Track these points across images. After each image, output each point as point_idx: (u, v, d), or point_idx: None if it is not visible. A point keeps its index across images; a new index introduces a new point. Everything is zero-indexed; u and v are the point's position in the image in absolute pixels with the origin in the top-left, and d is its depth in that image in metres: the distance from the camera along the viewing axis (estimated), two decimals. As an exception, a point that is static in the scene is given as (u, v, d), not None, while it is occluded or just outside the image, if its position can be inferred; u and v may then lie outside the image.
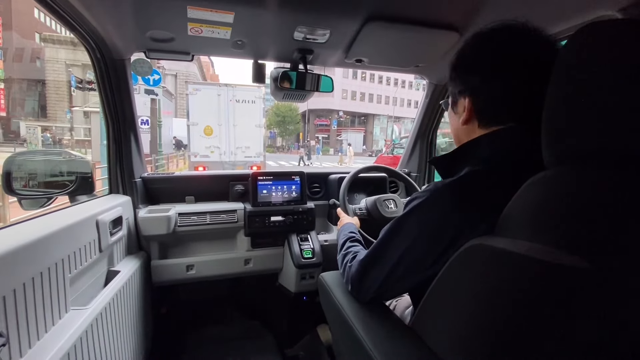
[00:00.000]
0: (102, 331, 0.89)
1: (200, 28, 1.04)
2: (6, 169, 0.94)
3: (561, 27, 0.95)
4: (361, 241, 0.98)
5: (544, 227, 0.43)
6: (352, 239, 0.98)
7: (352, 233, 1.01)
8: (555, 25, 0.95)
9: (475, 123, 0.65)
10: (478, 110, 0.64)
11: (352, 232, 1.02)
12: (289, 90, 1.27)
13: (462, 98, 0.66)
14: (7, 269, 0.59)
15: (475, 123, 0.65)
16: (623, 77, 0.39)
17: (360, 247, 0.92)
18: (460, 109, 0.67)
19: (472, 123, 0.66)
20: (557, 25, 0.95)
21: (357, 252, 0.85)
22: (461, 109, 0.67)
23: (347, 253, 0.88)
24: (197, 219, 1.38)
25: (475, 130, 0.65)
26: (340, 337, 0.82)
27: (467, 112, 0.65)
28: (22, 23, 24.32)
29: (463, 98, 0.66)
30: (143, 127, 8.22)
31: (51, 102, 21.99)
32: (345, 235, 1.00)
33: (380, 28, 1.03)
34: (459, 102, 0.68)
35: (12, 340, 0.60)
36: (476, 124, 0.65)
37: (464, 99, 0.66)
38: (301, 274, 1.44)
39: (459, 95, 0.67)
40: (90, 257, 0.92)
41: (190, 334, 1.66)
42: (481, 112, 0.63)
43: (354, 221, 1.19)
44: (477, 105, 0.64)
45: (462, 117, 0.67)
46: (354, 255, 0.84)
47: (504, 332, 0.46)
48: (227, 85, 8.06)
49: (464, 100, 0.66)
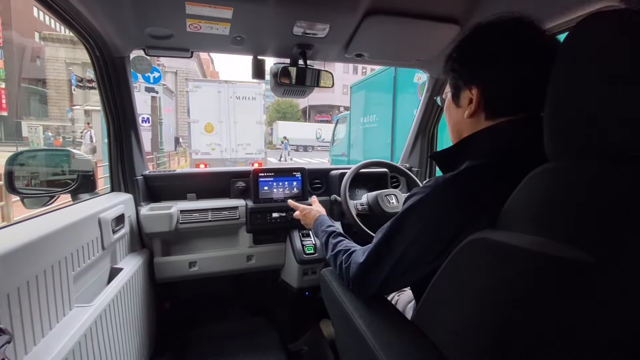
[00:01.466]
0: (105, 328, 0.89)
1: (199, 24, 1.04)
2: (8, 168, 0.95)
3: (563, 19, 0.94)
4: (342, 232, 0.95)
5: (546, 220, 0.43)
6: (334, 234, 0.95)
7: (330, 227, 0.99)
8: (557, 17, 0.94)
9: (482, 115, 0.63)
10: (487, 101, 0.62)
11: (330, 226, 1.00)
12: (289, 86, 1.27)
13: (467, 90, 0.64)
14: (12, 267, 0.60)
15: (482, 115, 0.63)
16: (627, 69, 0.39)
17: (347, 242, 0.89)
18: (465, 101, 0.65)
19: (479, 115, 0.64)
20: (558, 17, 0.93)
21: (348, 249, 0.83)
22: (466, 102, 0.65)
23: (338, 252, 0.85)
24: (198, 216, 1.39)
25: (481, 123, 0.64)
26: (343, 332, 0.83)
27: (475, 104, 0.63)
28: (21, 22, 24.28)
29: (468, 90, 0.64)
30: (144, 125, 8.22)
31: (52, 101, 22.01)
32: (324, 232, 0.97)
33: (379, 22, 1.02)
34: (462, 95, 0.66)
35: (17, 337, 0.61)
36: (482, 116, 0.63)
37: (469, 90, 0.64)
38: (303, 270, 1.44)
39: (464, 87, 0.65)
40: (93, 255, 0.93)
41: (193, 330, 1.67)
42: (490, 103, 0.62)
43: (320, 209, 1.16)
44: (486, 96, 0.61)
45: (467, 110, 0.64)
46: (346, 252, 0.82)
47: (505, 326, 0.46)
48: (227, 82, 8.05)
49: (470, 92, 0.63)
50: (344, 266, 0.79)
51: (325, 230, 0.99)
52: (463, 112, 0.66)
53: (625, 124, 0.39)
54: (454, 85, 0.69)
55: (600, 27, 0.41)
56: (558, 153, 0.45)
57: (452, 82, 0.69)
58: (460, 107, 0.67)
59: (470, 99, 0.63)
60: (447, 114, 0.74)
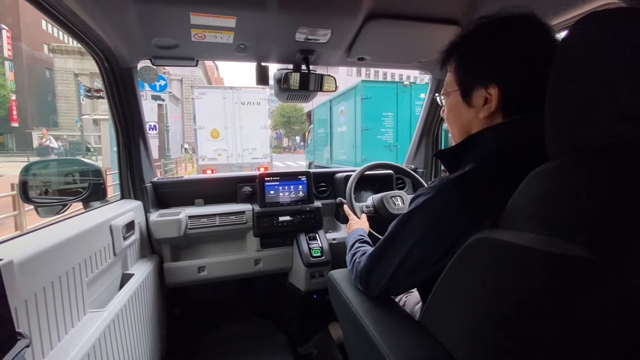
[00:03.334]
0: (118, 333, 0.91)
1: (203, 34, 1.06)
2: (22, 178, 0.98)
3: (563, 17, 0.94)
4: (369, 242, 0.98)
5: (547, 218, 0.43)
6: (361, 240, 0.98)
7: (361, 236, 1.02)
8: (558, 16, 0.94)
9: (498, 114, 0.60)
10: (507, 99, 0.59)
11: (361, 235, 1.02)
12: (292, 91, 1.28)
13: (483, 89, 0.61)
14: (29, 274, 0.62)
15: (498, 114, 0.60)
16: (626, 67, 0.39)
17: (368, 247, 0.93)
18: (479, 101, 0.62)
19: (495, 114, 0.61)
20: (559, 16, 0.94)
21: (365, 251, 0.86)
22: (480, 101, 0.62)
23: (356, 252, 0.89)
24: (206, 221, 1.41)
25: (496, 122, 0.61)
26: (351, 334, 0.83)
27: (495, 103, 0.59)
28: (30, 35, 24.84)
29: (484, 89, 0.60)
30: (151, 132, 8.32)
31: (61, 111, 22.44)
32: (355, 238, 1.01)
33: (380, 25, 1.03)
34: (474, 94, 0.63)
35: (35, 342, 0.63)
36: (499, 115, 0.60)
37: (485, 89, 0.60)
38: (311, 273, 1.45)
39: (478, 86, 0.61)
40: (105, 261, 0.95)
41: (203, 334, 1.68)
42: (510, 101, 0.59)
43: (363, 225, 1.19)
44: (507, 95, 0.59)
45: (483, 111, 0.61)
46: (363, 253, 0.85)
47: (510, 324, 0.46)
48: (232, 88, 8.12)
49: (486, 91, 0.60)
50: (356, 262, 0.82)
51: (355, 236, 1.02)
52: (476, 112, 0.63)
53: (625, 121, 0.39)
54: (462, 83, 0.65)
55: (600, 25, 0.42)
56: (558, 151, 0.45)
57: (460, 79, 0.65)
58: (473, 107, 0.64)
59: (486, 97, 0.60)
60: (454, 113, 0.69)
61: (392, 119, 6.81)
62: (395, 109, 6.78)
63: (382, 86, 7.09)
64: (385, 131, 6.83)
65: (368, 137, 6.78)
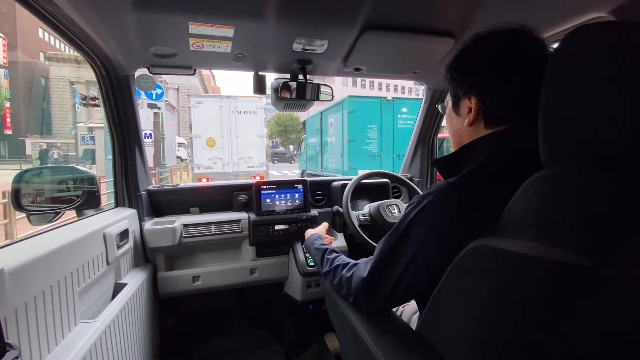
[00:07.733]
0: (110, 344, 0.89)
1: (201, 43, 1.07)
2: (15, 185, 0.96)
3: (554, 30, 0.97)
4: (335, 249, 0.95)
5: (543, 226, 0.44)
6: (328, 250, 0.94)
7: (323, 245, 0.99)
8: (549, 29, 0.96)
9: (481, 123, 0.65)
10: (486, 110, 0.63)
11: (323, 244, 0.99)
12: (289, 100, 1.29)
13: (467, 99, 0.66)
14: (20, 283, 0.60)
15: (481, 123, 0.65)
16: (615, 78, 0.40)
17: (343, 257, 0.89)
18: (465, 110, 0.67)
19: (478, 124, 0.65)
20: (550, 29, 0.96)
21: (347, 262, 0.82)
22: (465, 111, 0.67)
23: (336, 266, 0.84)
24: (202, 229, 1.39)
25: (480, 131, 0.65)
26: (348, 345, 0.82)
27: (474, 113, 0.64)
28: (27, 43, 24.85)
29: (468, 99, 0.66)
30: (147, 140, 8.30)
31: (56, 119, 22.32)
32: (318, 249, 0.97)
33: (376, 37, 1.05)
34: (462, 104, 0.68)
35: (24, 353, 0.61)
36: (482, 124, 0.65)
37: (468, 100, 0.65)
38: (307, 282, 1.44)
39: (463, 96, 0.67)
40: (98, 270, 0.93)
41: (197, 345, 1.65)
42: (489, 112, 0.63)
43: (317, 230, 1.17)
44: (485, 105, 0.63)
45: (467, 119, 0.66)
46: (345, 266, 0.81)
47: (509, 332, 0.46)
48: (228, 97, 8.17)
49: (469, 101, 0.65)
50: (345, 278, 0.77)
51: (318, 247, 0.98)
52: (463, 120, 0.68)
53: (616, 129, 0.40)
54: (454, 94, 0.71)
55: (591, 37, 0.43)
56: (553, 159, 0.46)
57: (452, 90, 0.71)
58: (460, 115, 0.69)
59: (470, 107, 0.65)
60: (448, 121, 0.76)
61: (377, 131, 7.45)
62: (379, 122, 7.44)
63: (367, 101, 7.65)
64: (370, 142, 7.46)
65: (354, 147, 7.38)
